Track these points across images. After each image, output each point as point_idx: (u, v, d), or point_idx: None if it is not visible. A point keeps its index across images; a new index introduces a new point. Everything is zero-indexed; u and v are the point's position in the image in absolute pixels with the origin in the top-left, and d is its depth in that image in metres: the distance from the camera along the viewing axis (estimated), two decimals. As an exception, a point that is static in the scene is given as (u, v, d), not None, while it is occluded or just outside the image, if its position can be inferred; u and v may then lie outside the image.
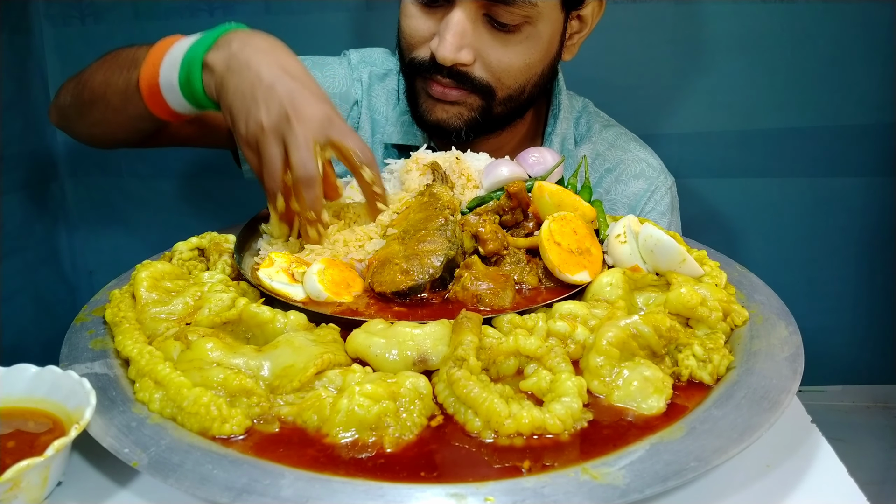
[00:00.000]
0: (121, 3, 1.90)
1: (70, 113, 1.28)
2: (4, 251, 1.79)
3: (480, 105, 1.22)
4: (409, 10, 1.21)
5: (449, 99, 1.21)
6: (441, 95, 1.21)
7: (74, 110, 1.26)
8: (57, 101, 1.32)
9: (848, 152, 2.05)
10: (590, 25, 1.30)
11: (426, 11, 1.19)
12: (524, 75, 1.22)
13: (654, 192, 1.35)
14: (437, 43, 1.15)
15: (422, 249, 0.90)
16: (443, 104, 1.22)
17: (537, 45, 1.20)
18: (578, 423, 0.67)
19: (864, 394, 2.36)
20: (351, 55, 1.43)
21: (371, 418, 0.65)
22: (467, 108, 1.22)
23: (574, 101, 1.44)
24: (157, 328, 0.81)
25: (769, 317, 0.85)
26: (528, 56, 1.20)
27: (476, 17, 1.15)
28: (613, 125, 1.45)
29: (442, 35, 1.14)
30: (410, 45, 1.22)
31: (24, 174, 1.85)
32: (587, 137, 1.40)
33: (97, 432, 0.65)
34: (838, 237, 2.14)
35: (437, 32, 1.16)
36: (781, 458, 0.69)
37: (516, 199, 0.99)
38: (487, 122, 1.24)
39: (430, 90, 1.22)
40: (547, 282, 0.92)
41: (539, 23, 1.17)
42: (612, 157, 1.38)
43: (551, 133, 1.37)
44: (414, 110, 1.27)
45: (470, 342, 0.72)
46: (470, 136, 1.23)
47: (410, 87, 1.27)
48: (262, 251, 1.00)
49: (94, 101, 1.18)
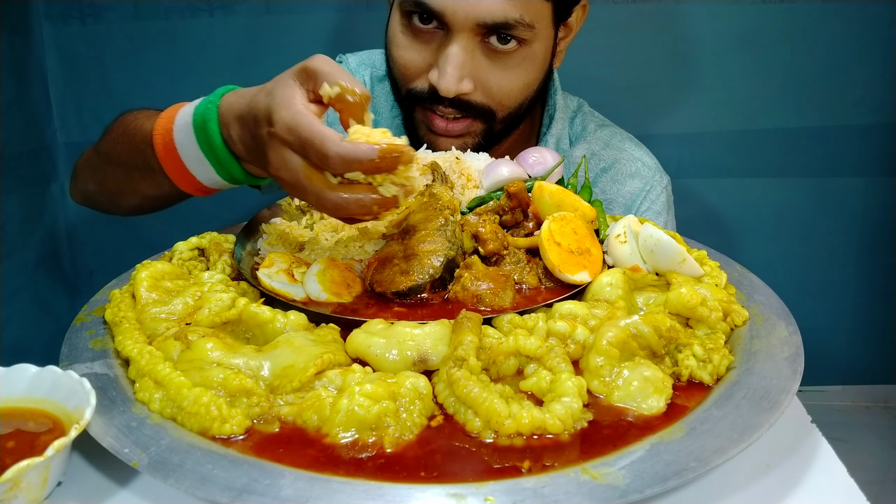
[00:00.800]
0: (121, 3, 1.90)
1: (100, 199, 1.23)
2: (4, 251, 1.79)
3: (483, 129, 1.23)
4: (400, 39, 1.19)
5: (452, 134, 1.21)
6: (445, 132, 1.21)
7: (104, 197, 1.21)
8: (77, 185, 1.26)
9: (848, 152, 2.05)
10: (575, 30, 1.30)
11: (419, 40, 1.18)
12: (522, 94, 1.23)
13: (649, 191, 1.35)
14: (438, 76, 1.14)
15: (422, 249, 0.90)
16: (446, 138, 1.22)
17: (533, 64, 1.20)
18: (578, 423, 0.67)
19: (864, 394, 2.36)
20: (349, 59, 1.43)
21: (371, 418, 0.65)
22: (472, 136, 1.23)
23: (569, 101, 1.44)
24: (157, 328, 0.81)
25: (769, 317, 0.85)
26: (527, 76, 1.20)
27: (473, 45, 1.14)
28: (608, 125, 1.45)
29: (442, 68, 1.13)
30: (406, 76, 1.21)
31: (24, 174, 1.85)
32: (582, 137, 1.40)
33: (97, 432, 0.64)
34: (838, 237, 2.14)
35: (437, 64, 1.15)
36: (781, 458, 0.69)
37: (516, 199, 0.99)
38: (490, 140, 1.25)
39: (433, 126, 1.22)
40: (547, 282, 0.92)
41: (534, 42, 1.17)
42: (608, 156, 1.38)
43: (546, 134, 1.37)
44: (412, 138, 1.25)
45: (470, 342, 0.72)
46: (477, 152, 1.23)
47: (408, 117, 1.26)
48: (262, 251, 1.00)
49: (124, 193, 1.14)
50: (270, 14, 1.93)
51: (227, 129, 0.90)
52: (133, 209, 1.18)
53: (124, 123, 1.11)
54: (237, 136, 0.89)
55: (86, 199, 1.27)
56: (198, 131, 0.92)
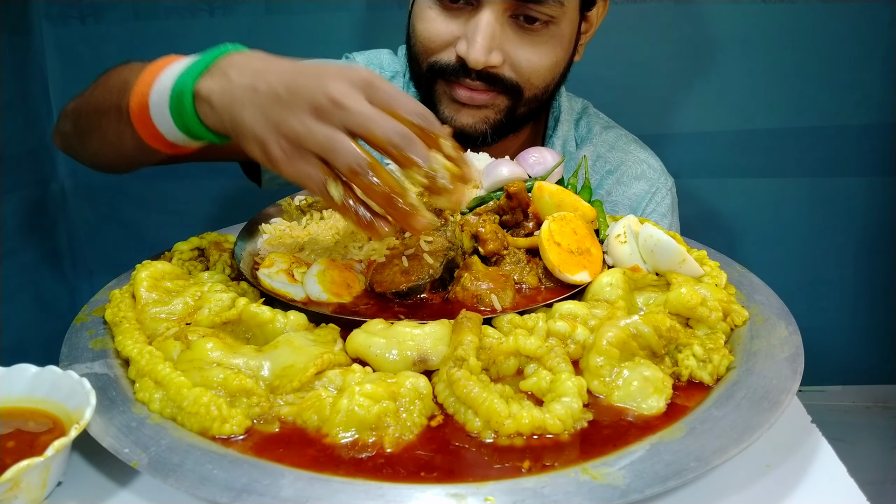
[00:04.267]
0: (121, 3, 1.90)
1: (72, 142, 1.17)
2: (4, 251, 1.79)
3: (507, 106, 1.21)
4: (427, 13, 1.18)
5: (476, 103, 1.19)
6: (469, 100, 1.19)
7: (75, 139, 1.15)
8: (58, 126, 1.21)
9: (848, 152, 2.05)
10: (594, 26, 1.30)
11: (448, 14, 1.17)
12: (550, 74, 1.22)
13: (654, 194, 1.35)
14: (467, 46, 1.13)
15: (422, 250, 0.90)
16: (469, 108, 1.20)
17: (561, 44, 1.20)
18: (578, 423, 0.67)
19: (864, 394, 2.36)
20: (356, 58, 1.42)
21: (371, 418, 0.65)
22: (494, 111, 1.21)
23: (573, 102, 1.44)
24: (157, 328, 0.81)
25: (769, 317, 0.85)
26: (555, 55, 1.20)
27: (503, 19, 1.14)
28: (613, 127, 1.45)
29: (471, 38, 1.12)
30: (430, 48, 1.19)
31: (24, 174, 1.85)
32: (588, 139, 1.40)
33: (97, 432, 0.64)
34: (838, 237, 2.14)
35: (464, 35, 1.14)
36: (781, 458, 0.69)
37: (516, 199, 0.99)
38: (510, 123, 1.23)
39: (456, 95, 1.19)
40: (547, 282, 0.92)
41: (562, 22, 1.17)
42: (613, 158, 1.38)
43: (552, 136, 1.37)
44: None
45: (470, 342, 0.72)
46: (494, 139, 1.22)
47: (428, 92, 1.23)
48: (262, 251, 1.00)
49: (92, 130, 1.04)
50: (270, 14, 1.93)
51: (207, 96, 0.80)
52: (95, 155, 1.11)
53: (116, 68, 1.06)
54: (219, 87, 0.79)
55: (63, 141, 1.21)
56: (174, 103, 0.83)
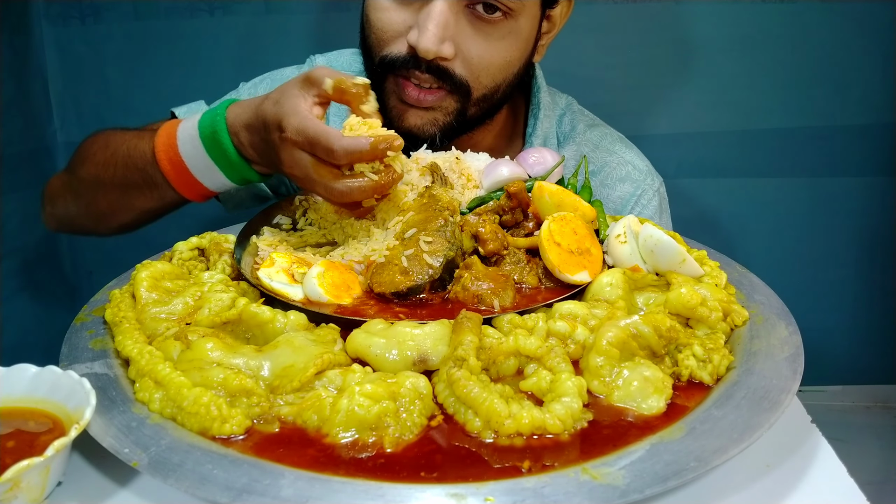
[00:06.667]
0: (121, 3, 1.90)
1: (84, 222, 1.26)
2: (4, 251, 1.79)
3: (456, 108, 1.16)
4: (380, 2, 1.12)
5: (424, 105, 1.14)
6: (416, 101, 1.14)
7: (89, 220, 1.24)
8: (52, 211, 1.28)
9: (848, 152, 2.05)
10: (558, 26, 1.26)
11: (401, 3, 1.11)
12: (501, 74, 1.17)
13: (640, 196, 1.31)
14: (417, 35, 1.07)
15: (421, 250, 0.90)
16: (417, 109, 1.15)
17: (517, 42, 1.16)
18: (578, 423, 0.67)
19: (864, 394, 2.36)
20: (316, 60, 1.38)
21: (371, 418, 0.65)
22: (442, 113, 1.16)
23: (557, 98, 1.39)
24: (157, 328, 0.81)
25: (769, 317, 0.85)
26: (509, 52, 1.15)
27: (458, 8, 1.09)
28: (598, 125, 1.40)
29: (423, 26, 1.07)
30: (382, 40, 1.14)
31: (24, 174, 1.85)
32: (571, 138, 1.35)
33: (97, 432, 0.64)
34: (838, 237, 2.14)
35: (416, 24, 1.08)
36: (781, 458, 0.69)
37: (516, 199, 0.99)
38: (462, 125, 1.19)
39: (404, 95, 1.14)
40: (547, 282, 0.92)
41: (520, 17, 1.13)
42: (597, 159, 1.33)
43: (532, 133, 1.32)
44: (382, 112, 1.14)
45: (470, 342, 0.72)
46: (444, 141, 1.17)
47: (378, 90, 1.12)
48: (262, 251, 1.00)
49: (118, 209, 1.18)
50: (270, 14, 1.93)
51: (236, 137, 1.02)
52: (122, 226, 1.23)
53: (109, 146, 1.16)
54: (247, 142, 1.01)
55: (64, 224, 1.30)
56: (206, 141, 1.03)
